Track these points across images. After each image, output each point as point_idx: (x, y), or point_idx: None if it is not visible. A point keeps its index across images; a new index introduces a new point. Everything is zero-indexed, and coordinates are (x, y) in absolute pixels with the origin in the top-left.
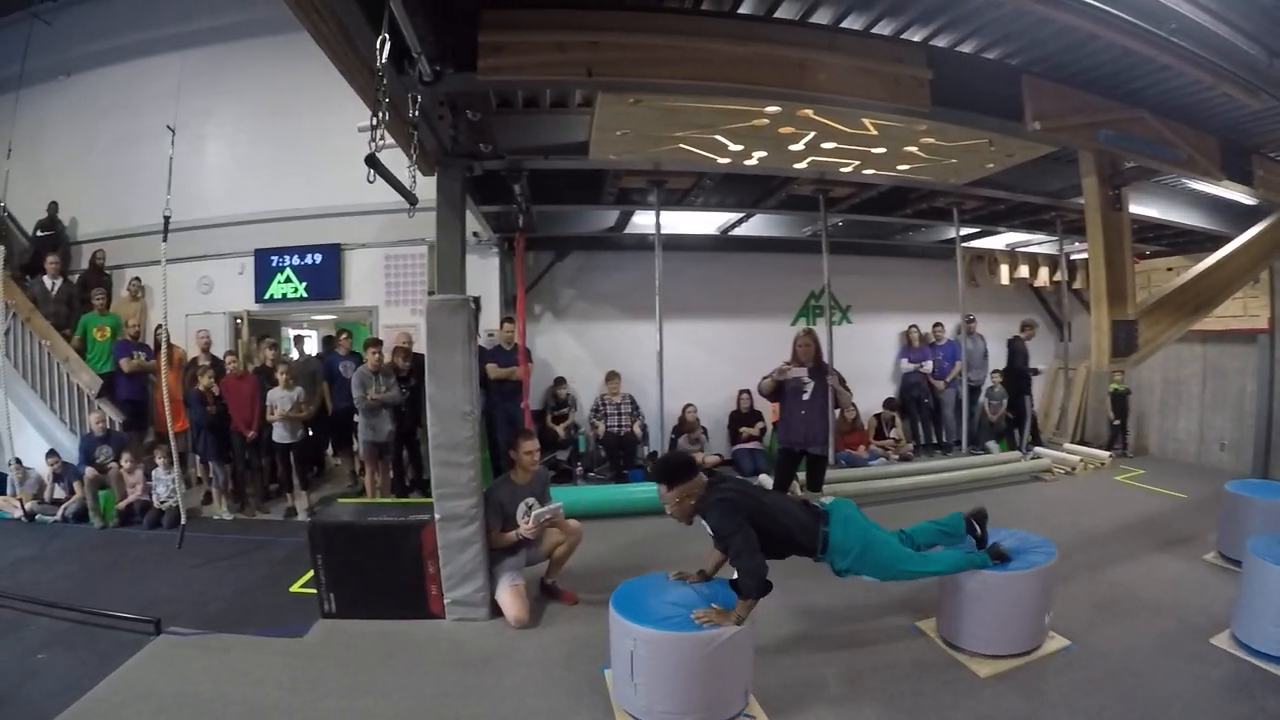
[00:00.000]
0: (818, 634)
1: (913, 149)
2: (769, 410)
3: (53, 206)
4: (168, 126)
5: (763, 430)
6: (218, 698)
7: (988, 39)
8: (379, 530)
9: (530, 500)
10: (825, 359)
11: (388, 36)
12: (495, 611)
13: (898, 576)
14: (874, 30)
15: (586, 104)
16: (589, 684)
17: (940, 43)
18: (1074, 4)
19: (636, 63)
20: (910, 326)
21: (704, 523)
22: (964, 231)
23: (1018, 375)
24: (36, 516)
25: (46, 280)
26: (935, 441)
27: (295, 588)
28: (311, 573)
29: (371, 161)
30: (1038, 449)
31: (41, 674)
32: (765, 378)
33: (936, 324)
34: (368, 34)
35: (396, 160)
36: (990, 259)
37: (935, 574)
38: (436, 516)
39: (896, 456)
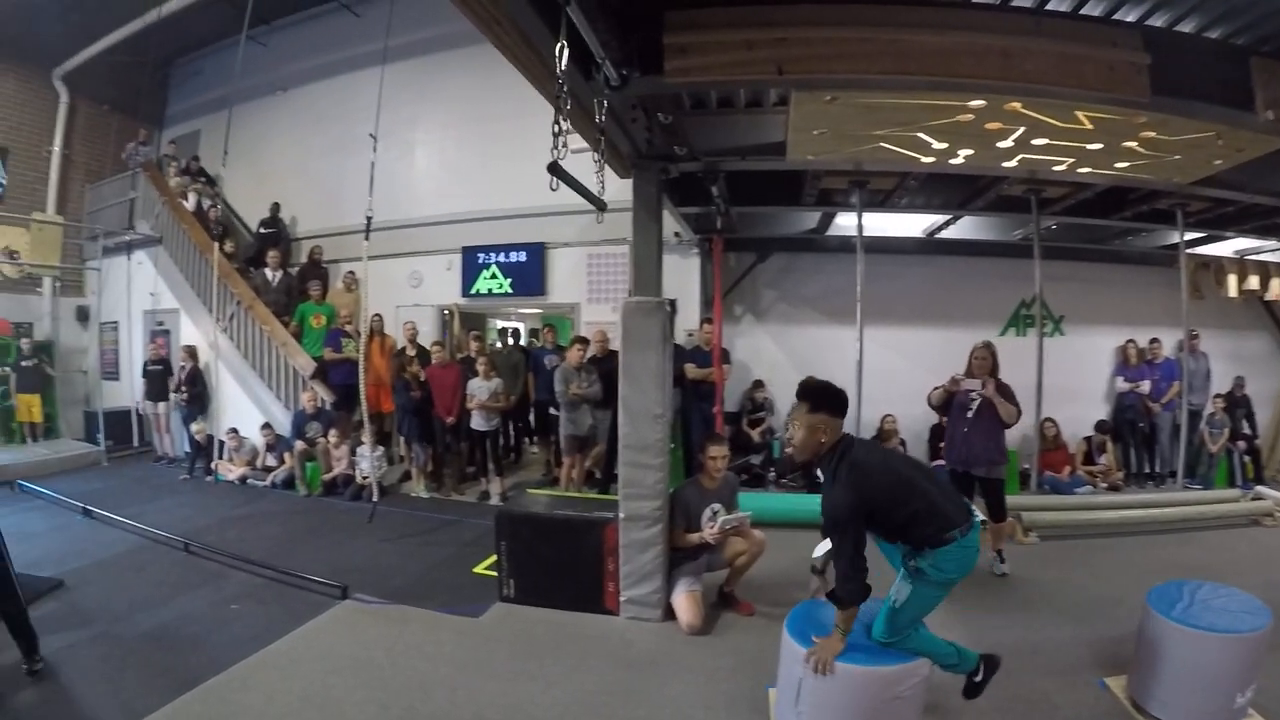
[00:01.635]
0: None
1: (1132, 144)
2: None
3: (274, 206)
4: (370, 135)
5: None
6: (389, 666)
7: (1209, 15)
8: (563, 524)
9: (716, 506)
10: (1000, 374)
11: (565, 43)
12: (669, 614)
13: (886, 631)
14: (1083, 11)
15: (782, 103)
16: (751, 700)
17: (1156, 22)
18: None
19: (828, 58)
20: (1128, 341)
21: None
22: (1188, 236)
23: None
24: (248, 481)
25: (268, 272)
26: (1148, 471)
27: (478, 569)
28: (495, 557)
29: (554, 169)
30: (1260, 489)
31: (233, 623)
32: (936, 388)
33: (1153, 340)
34: (550, 42)
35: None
36: (1217, 267)
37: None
38: (620, 515)
39: (1105, 485)
